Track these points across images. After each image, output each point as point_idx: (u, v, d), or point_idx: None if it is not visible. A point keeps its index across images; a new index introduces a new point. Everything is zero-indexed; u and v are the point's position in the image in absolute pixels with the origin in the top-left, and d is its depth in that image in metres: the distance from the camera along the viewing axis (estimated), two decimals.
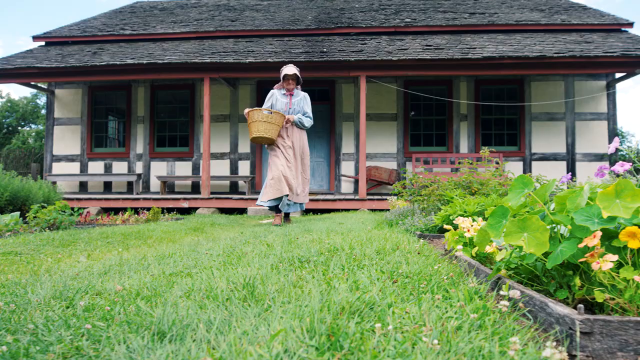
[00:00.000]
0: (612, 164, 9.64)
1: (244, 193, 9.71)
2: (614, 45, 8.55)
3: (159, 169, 10.29)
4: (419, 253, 1.98)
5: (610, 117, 9.82)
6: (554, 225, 1.33)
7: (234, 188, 10.17)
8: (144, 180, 10.28)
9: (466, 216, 3.08)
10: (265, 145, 5.35)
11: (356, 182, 9.81)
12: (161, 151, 10.39)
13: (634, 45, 8.51)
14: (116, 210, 8.41)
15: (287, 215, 5.50)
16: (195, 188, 10.11)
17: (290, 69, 5.12)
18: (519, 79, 9.80)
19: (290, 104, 5.19)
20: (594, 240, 1.12)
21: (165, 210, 8.14)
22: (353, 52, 8.60)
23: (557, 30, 9.67)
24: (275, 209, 5.22)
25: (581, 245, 1.14)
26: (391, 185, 9.10)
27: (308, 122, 5.29)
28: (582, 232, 1.23)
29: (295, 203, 5.22)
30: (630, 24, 9.73)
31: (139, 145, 10.37)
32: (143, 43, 10.15)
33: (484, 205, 3.07)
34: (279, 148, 5.13)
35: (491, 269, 1.64)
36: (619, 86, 9.66)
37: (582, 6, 10.93)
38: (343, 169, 9.95)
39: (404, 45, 9.02)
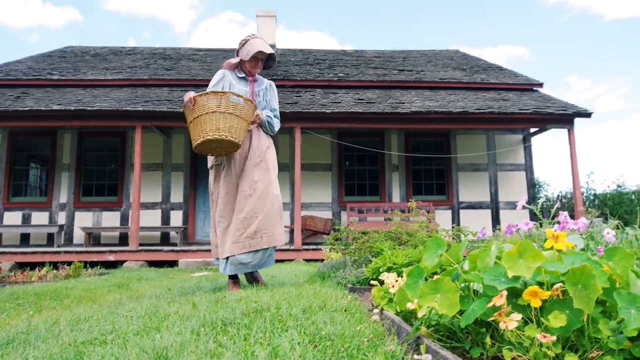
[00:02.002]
0: (531, 212, 10.30)
1: (175, 244, 9.36)
2: (527, 103, 9.35)
3: (84, 219, 9.73)
4: (345, 310, 1.98)
5: (528, 167, 10.58)
6: (467, 283, 1.39)
7: (165, 239, 9.79)
8: (66, 232, 9.66)
9: (395, 268, 3.14)
10: (211, 162, 3.38)
11: (292, 231, 9.77)
12: (87, 201, 9.87)
13: (544, 103, 9.35)
14: (33, 266, 7.79)
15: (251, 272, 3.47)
16: (123, 240, 9.62)
17: (263, 45, 3.34)
18: (445, 132, 10.39)
19: (254, 94, 3.40)
20: (500, 300, 1.17)
21: (88, 265, 7.65)
22: (288, 103, 8.79)
23: (478, 88, 10.45)
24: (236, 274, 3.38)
25: (489, 305, 1.19)
26: (327, 234, 9.14)
27: (277, 125, 3.54)
28: (492, 290, 1.28)
29: (266, 250, 3.30)
30: (540, 84, 10.72)
31: (63, 194, 9.81)
32: (72, 89, 9.82)
33: (412, 257, 3.15)
34: (235, 165, 3.28)
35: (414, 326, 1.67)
36: (535, 139, 10.51)
37: (499, 67, 11.93)
38: None
39: (337, 98, 9.36)
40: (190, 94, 3.07)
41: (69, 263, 7.27)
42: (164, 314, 2.27)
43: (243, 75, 3.44)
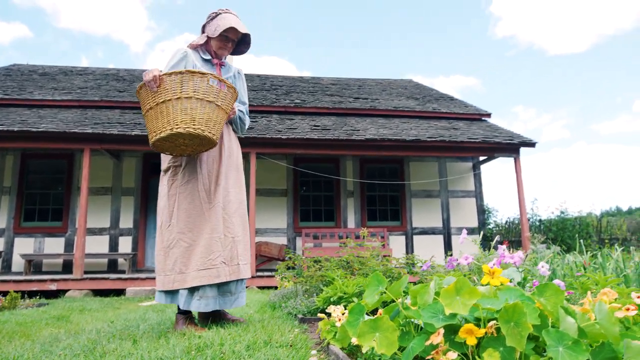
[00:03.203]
0: (482, 238, 10.60)
1: (123, 272, 8.98)
2: (476, 132, 9.72)
3: (24, 245, 9.20)
4: (291, 346, 1.94)
5: (478, 194, 10.93)
6: (408, 319, 1.40)
7: (113, 266, 9.39)
8: (4, 259, 9.10)
9: (346, 298, 3.13)
10: (167, 163, 2.70)
11: None
12: (29, 226, 9.37)
13: (492, 133, 9.75)
14: None
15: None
16: (68, 267, 9.15)
17: (237, 21, 2.69)
18: (399, 159, 10.62)
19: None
20: (438, 338, 1.18)
21: (26, 295, 7.20)
22: None
23: (430, 117, 10.79)
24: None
25: (427, 343, 1.20)
26: (282, 260, 9.04)
27: (247, 123, 2.98)
28: (432, 327, 1.30)
29: (241, 281, 2.74)
30: (489, 115, 11.20)
31: (2, 219, 9.26)
32: (16, 109, 9.40)
33: (362, 286, 3.16)
34: (202, 168, 2.64)
35: None
36: (484, 167, 10.91)
37: (450, 97, 12.39)
38: None
39: (293, 124, 9.41)
40: (155, 72, 2.32)
41: (5, 293, 6.83)
42: (101, 351, 2.16)
43: (208, 57, 2.77)
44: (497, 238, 1.94)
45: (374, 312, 1.93)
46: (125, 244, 9.46)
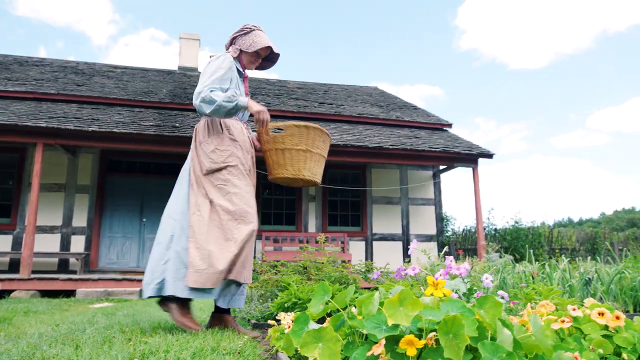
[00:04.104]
0: (439, 244, 10.84)
1: (75, 272, 8.66)
2: (437, 142, 9.93)
3: None
4: (239, 353, 1.92)
5: (437, 202, 11.16)
6: (354, 329, 1.40)
7: (63, 266, 9.03)
8: None
9: (300, 303, 3.13)
10: (222, 162, 2.63)
11: None
12: None
13: (452, 143, 9.99)
14: None
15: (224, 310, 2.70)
16: (15, 266, 8.74)
17: (270, 41, 2.81)
18: (361, 165, 10.72)
19: (247, 92, 2.90)
20: (379, 349, 1.19)
21: None
22: None
23: (393, 125, 10.95)
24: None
25: (369, 353, 1.21)
26: None
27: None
28: (375, 337, 1.31)
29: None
30: (450, 125, 11.47)
31: None
32: None
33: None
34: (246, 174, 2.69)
35: None
36: (444, 176, 11.16)
37: (413, 106, 12.62)
38: None
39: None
40: (265, 116, 2.59)
41: None
42: (40, 357, 2.07)
43: (240, 69, 2.82)
44: (445, 249, 1.99)
45: (323, 320, 1.93)
46: (77, 243, 9.13)
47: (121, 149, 8.47)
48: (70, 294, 7.61)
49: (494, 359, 1.11)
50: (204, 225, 2.53)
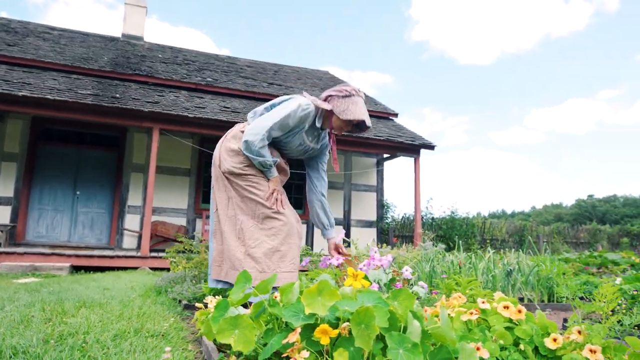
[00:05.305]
0: (379, 231, 11.13)
1: None
2: (382, 130, 10.11)
3: None
4: (163, 336, 1.91)
5: (379, 189, 11.42)
6: (274, 317, 1.44)
7: None
8: None
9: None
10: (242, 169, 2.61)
11: (140, 237, 9.21)
12: None
13: (396, 132, 10.21)
14: None
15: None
16: None
17: (366, 113, 2.65)
18: None
19: (334, 152, 2.90)
20: (294, 336, 1.23)
21: None
22: (148, 102, 8.33)
23: None
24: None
25: (285, 341, 1.25)
26: (180, 242, 8.79)
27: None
28: (293, 325, 1.34)
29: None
30: (396, 115, 11.70)
31: None
32: None
33: None
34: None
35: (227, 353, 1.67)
36: (387, 164, 11.41)
37: None
38: (127, 222, 9.26)
39: (202, 103, 9.13)
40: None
41: None
42: None
43: (319, 125, 2.69)
44: (373, 237, 2.05)
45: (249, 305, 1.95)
46: (2, 214, 8.61)
47: (55, 116, 8.01)
48: None
49: (400, 349, 1.17)
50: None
